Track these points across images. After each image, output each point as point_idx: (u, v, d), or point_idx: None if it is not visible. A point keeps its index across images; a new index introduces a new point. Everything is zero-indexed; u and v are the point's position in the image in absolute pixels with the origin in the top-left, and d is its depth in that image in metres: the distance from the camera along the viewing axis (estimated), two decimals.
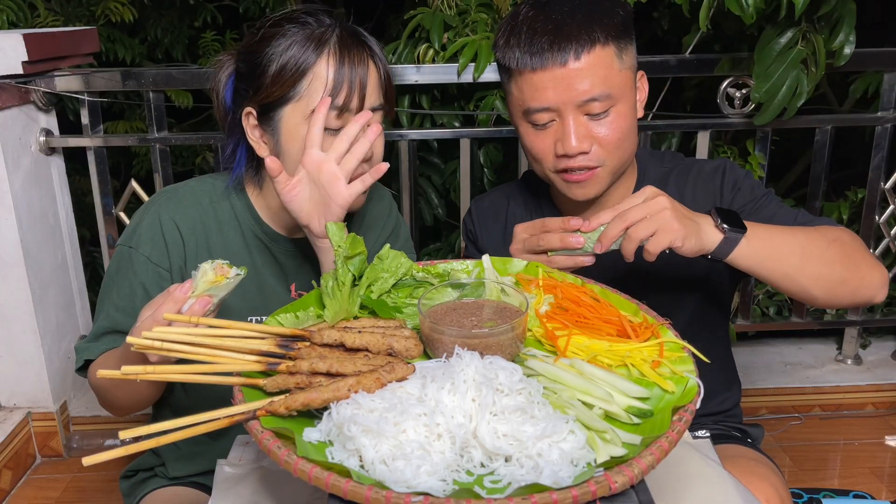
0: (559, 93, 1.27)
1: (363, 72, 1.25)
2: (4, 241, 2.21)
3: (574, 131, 1.28)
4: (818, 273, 1.23)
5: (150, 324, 1.02)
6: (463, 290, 1.13)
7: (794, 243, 1.22)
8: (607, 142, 1.30)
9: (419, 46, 2.33)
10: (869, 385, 2.56)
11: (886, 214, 2.49)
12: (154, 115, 2.32)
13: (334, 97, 1.23)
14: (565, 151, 1.29)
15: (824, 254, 1.23)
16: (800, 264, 1.22)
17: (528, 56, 1.27)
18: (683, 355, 0.97)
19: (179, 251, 1.32)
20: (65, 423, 2.45)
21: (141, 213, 1.35)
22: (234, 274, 1.06)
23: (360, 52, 1.26)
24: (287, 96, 1.25)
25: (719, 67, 2.18)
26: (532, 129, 1.34)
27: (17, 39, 2.11)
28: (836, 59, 2.02)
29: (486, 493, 0.75)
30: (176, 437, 0.84)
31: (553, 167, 1.34)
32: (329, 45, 1.25)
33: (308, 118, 1.24)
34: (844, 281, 1.24)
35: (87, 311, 2.56)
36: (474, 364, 0.88)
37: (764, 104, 2.05)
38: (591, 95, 1.26)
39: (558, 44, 1.25)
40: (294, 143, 1.27)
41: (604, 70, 1.26)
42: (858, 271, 1.25)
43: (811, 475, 2.27)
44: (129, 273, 1.30)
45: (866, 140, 2.53)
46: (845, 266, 1.24)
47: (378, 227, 1.50)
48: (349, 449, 0.81)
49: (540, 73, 1.27)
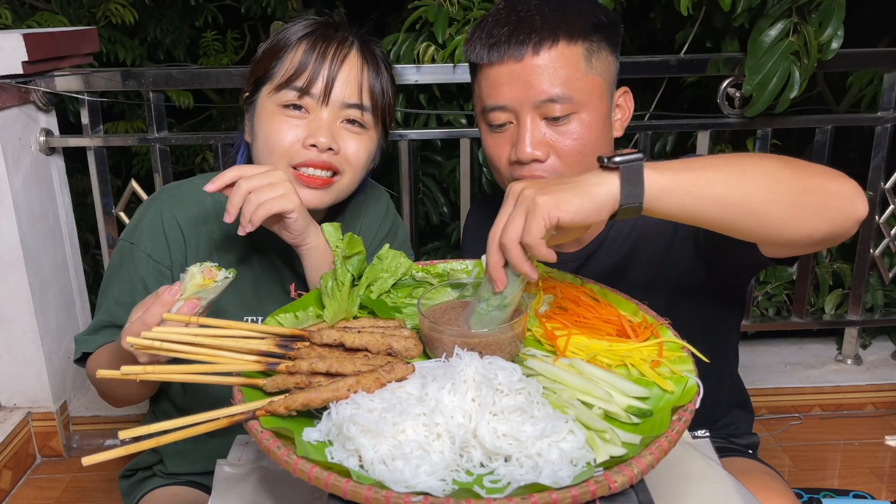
0: (515, 90, 1.17)
1: (336, 63, 1.27)
2: (4, 241, 2.21)
3: (529, 135, 1.17)
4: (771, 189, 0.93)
5: (139, 326, 1.02)
6: (463, 290, 1.13)
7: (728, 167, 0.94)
8: (566, 152, 1.18)
9: (419, 43, 2.33)
10: (869, 385, 2.56)
11: (886, 214, 2.49)
12: (154, 115, 2.32)
13: (296, 78, 1.25)
14: (518, 157, 1.18)
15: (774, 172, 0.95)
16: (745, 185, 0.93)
17: (486, 49, 1.19)
18: (683, 355, 0.97)
19: (181, 248, 1.32)
20: (65, 423, 2.45)
21: (143, 209, 1.36)
22: (223, 277, 1.06)
23: (342, 45, 1.28)
24: (266, 75, 1.29)
25: (712, 66, 2.19)
26: (489, 133, 1.24)
27: (17, 39, 2.11)
28: (824, 54, 2.02)
29: (485, 493, 0.75)
30: (176, 436, 0.85)
31: (510, 177, 1.22)
32: (314, 34, 1.28)
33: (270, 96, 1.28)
34: (806, 189, 0.95)
35: (87, 311, 2.56)
36: (474, 364, 0.88)
37: (755, 95, 2.06)
38: (549, 96, 1.16)
39: (517, 36, 1.16)
40: (259, 121, 1.31)
41: (566, 70, 1.16)
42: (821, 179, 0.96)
43: (811, 475, 2.27)
44: (129, 269, 1.31)
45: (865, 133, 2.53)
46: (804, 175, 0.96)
47: (374, 229, 1.50)
48: (349, 449, 0.81)
49: (497, 67, 1.18)
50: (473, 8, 2.35)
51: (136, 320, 1.05)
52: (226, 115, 3.59)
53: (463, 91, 2.46)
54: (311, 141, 1.25)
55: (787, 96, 2.05)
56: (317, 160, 1.26)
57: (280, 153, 1.27)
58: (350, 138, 1.30)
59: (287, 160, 1.27)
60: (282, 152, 1.27)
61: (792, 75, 2.02)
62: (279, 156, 1.27)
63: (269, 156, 1.28)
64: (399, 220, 1.57)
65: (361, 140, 1.31)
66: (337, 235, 1.12)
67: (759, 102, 2.06)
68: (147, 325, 1.01)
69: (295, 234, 1.22)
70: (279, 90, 1.26)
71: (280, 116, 1.27)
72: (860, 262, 2.53)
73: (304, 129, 1.27)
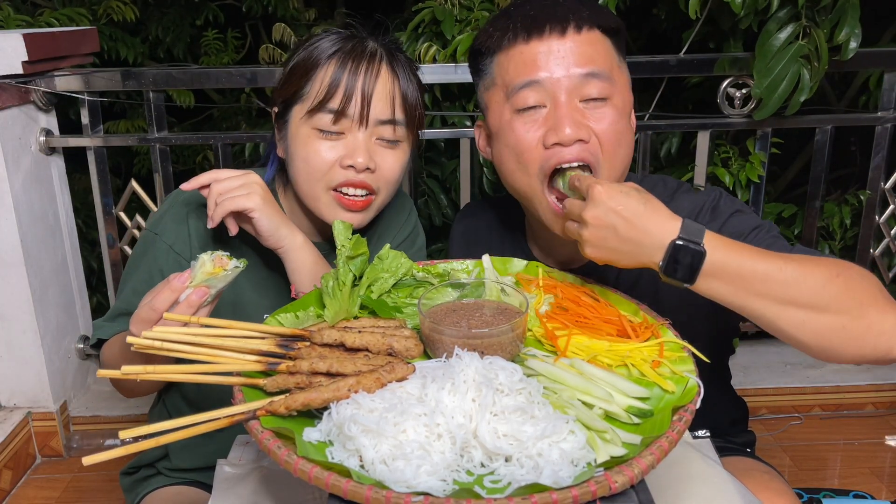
0: (554, 65, 1.13)
1: (370, 81, 1.26)
2: (4, 241, 2.21)
3: (569, 115, 1.12)
4: (808, 321, 0.95)
5: (147, 311, 1.05)
6: (463, 290, 1.13)
7: (775, 268, 0.95)
8: (605, 138, 1.14)
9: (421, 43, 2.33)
10: (869, 385, 2.56)
11: (886, 214, 2.49)
12: (154, 115, 2.32)
13: (329, 100, 1.25)
14: (559, 139, 1.12)
15: (819, 290, 0.95)
16: (782, 298, 0.95)
17: (520, 29, 1.15)
18: (683, 355, 0.97)
19: (203, 242, 1.33)
20: (65, 422, 2.45)
21: (171, 200, 1.36)
22: (233, 266, 1.07)
23: (372, 62, 1.27)
24: (297, 95, 1.28)
25: (718, 66, 2.18)
26: (516, 116, 1.17)
27: (17, 39, 2.11)
28: (843, 54, 2.01)
29: (486, 493, 0.75)
30: (176, 436, 0.85)
31: (543, 163, 1.15)
32: (343, 52, 1.27)
33: (305, 120, 1.27)
34: (844, 327, 0.95)
35: (87, 311, 2.56)
36: (474, 364, 0.88)
37: (764, 99, 2.05)
38: (592, 69, 1.13)
39: (558, 14, 1.14)
40: (294, 143, 1.30)
41: (605, 52, 1.15)
42: (864, 315, 0.95)
43: (811, 475, 2.27)
44: (150, 258, 1.32)
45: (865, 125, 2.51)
46: (846, 308, 0.95)
47: (393, 233, 1.50)
48: (349, 449, 0.81)
49: (535, 44, 1.14)
50: (475, 8, 2.35)
51: (146, 305, 1.06)
52: (226, 115, 3.59)
53: (464, 91, 2.46)
54: (348, 161, 1.26)
55: (797, 99, 2.05)
56: (355, 180, 1.27)
57: (319, 177, 1.28)
58: (386, 154, 1.30)
59: (326, 184, 1.28)
60: (321, 175, 1.28)
61: (802, 78, 2.02)
62: (317, 179, 1.28)
63: (307, 178, 1.29)
64: (419, 227, 1.58)
65: (396, 155, 1.31)
66: (346, 235, 1.12)
67: (768, 106, 2.05)
68: (155, 311, 1.03)
69: (265, 235, 1.24)
70: (313, 114, 1.26)
71: (316, 140, 1.27)
72: (860, 262, 2.53)
73: (341, 150, 1.27)
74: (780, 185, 3.22)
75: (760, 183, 2.36)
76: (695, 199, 1.25)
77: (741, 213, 1.20)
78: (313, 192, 1.29)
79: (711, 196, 1.24)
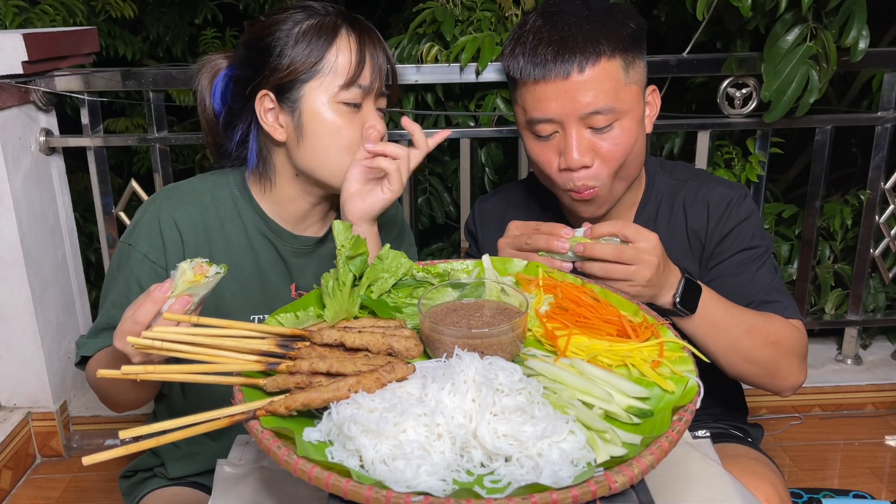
0: (562, 105, 1.25)
1: (382, 54, 1.31)
2: (4, 241, 2.21)
3: (576, 144, 1.27)
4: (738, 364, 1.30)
5: (130, 325, 1.02)
6: (463, 290, 1.13)
7: (729, 334, 1.27)
8: (610, 157, 1.28)
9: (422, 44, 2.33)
10: (869, 385, 2.56)
11: (886, 214, 2.49)
12: (154, 114, 2.32)
13: (358, 76, 1.27)
14: (567, 165, 1.28)
15: (753, 352, 1.28)
16: (726, 351, 1.28)
17: (531, 67, 1.26)
18: (683, 355, 0.97)
19: (178, 249, 1.32)
20: (65, 423, 2.45)
21: (142, 210, 1.35)
22: (214, 272, 1.05)
23: (373, 34, 1.31)
24: (309, 73, 1.27)
25: (726, 66, 2.18)
26: (536, 141, 1.33)
27: (17, 39, 2.11)
28: (852, 56, 2.01)
29: (486, 493, 0.75)
30: (176, 436, 0.84)
31: (560, 183, 1.32)
32: (346, 26, 1.29)
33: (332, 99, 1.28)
34: (758, 377, 1.33)
35: (87, 311, 2.56)
36: (474, 364, 0.88)
37: (773, 101, 2.05)
38: (595, 108, 1.25)
39: (562, 55, 1.24)
40: (317, 122, 1.29)
41: (609, 83, 1.25)
42: (776, 376, 1.32)
43: (811, 475, 2.27)
44: (126, 270, 1.31)
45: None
46: (766, 369, 1.31)
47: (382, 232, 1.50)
48: (349, 449, 0.81)
49: (543, 85, 1.26)
50: (476, 9, 2.35)
51: (128, 319, 1.04)
52: None
53: (467, 92, 2.46)
54: (373, 133, 1.29)
55: (806, 100, 2.05)
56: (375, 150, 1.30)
57: (352, 150, 1.30)
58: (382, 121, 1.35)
59: (352, 156, 1.30)
60: (354, 149, 1.30)
61: (811, 80, 2.02)
62: (350, 153, 1.30)
63: (338, 153, 1.29)
64: (407, 227, 1.58)
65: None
66: (346, 235, 1.12)
67: (778, 108, 2.05)
68: (138, 324, 1.01)
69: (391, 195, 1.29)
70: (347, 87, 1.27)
71: (346, 114, 1.29)
72: (860, 262, 2.53)
73: (360, 123, 1.30)
74: (781, 186, 3.22)
75: (760, 183, 2.36)
76: (724, 190, 1.42)
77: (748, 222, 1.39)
78: (344, 166, 1.29)
79: (739, 192, 1.42)
